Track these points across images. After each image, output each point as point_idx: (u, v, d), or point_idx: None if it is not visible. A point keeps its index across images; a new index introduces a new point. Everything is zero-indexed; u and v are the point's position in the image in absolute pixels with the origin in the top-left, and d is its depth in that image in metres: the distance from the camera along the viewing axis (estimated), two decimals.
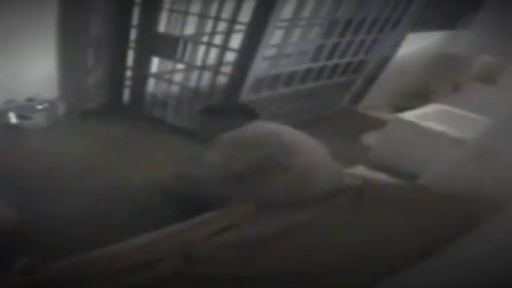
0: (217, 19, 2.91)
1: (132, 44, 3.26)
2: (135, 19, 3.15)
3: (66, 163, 2.62)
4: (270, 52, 3.02)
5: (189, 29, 3.08)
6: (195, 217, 1.57)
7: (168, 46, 3.11)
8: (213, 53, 3.02)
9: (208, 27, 3.01)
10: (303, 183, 1.64)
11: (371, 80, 3.81)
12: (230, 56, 2.96)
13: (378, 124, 3.38)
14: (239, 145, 1.83)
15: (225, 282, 1.24)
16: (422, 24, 3.70)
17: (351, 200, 1.61)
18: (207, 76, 3.12)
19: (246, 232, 1.42)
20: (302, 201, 1.58)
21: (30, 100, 3.02)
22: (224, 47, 2.92)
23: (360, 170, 2.00)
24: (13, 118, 2.93)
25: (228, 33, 2.88)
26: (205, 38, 3.06)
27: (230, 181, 1.74)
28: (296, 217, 1.49)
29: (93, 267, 1.25)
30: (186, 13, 3.02)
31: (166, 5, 3.05)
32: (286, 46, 3.19)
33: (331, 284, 1.24)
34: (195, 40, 3.09)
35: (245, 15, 2.72)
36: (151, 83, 3.40)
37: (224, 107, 2.40)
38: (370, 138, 3.11)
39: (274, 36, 2.80)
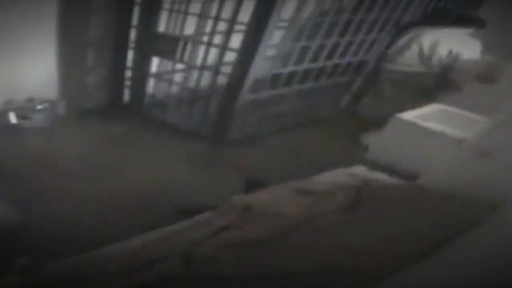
0: (217, 19, 2.91)
1: (132, 44, 3.26)
2: (135, 19, 3.15)
3: (66, 163, 2.63)
4: (270, 52, 3.02)
5: (189, 29, 3.08)
6: (195, 217, 1.58)
7: (168, 46, 3.11)
8: (213, 53, 3.02)
9: (208, 27, 3.02)
10: None
11: (371, 80, 3.80)
12: (230, 56, 2.96)
13: (378, 124, 3.37)
14: None
15: (225, 282, 1.24)
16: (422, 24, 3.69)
17: (351, 200, 1.61)
18: (207, 76, 3.12)
19: (246, 232, 1.42)
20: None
21: (30, 100, 3.02)
22: (224, 47, 2.92)
23: (360, 170, 1.99)
24: (13, 118, 2.93)
25: (228, 33, 2.88)
26: (205, 38, 3.06)
27: None
28: (296, 217, 1.49)
29: (93, 267, 1.25)
30: (186, 13, 3.02)
31: (166, 5, 3.06)
32: (286, 46, 3.20)
33: (331, 284, 1.24)
34: (195, 40, 3.09)
35: (245, 15, 2.72)
36: (151, 83, 3.41)
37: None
38: (370, 138, 3.10)
39: (274, 36, 2.81)
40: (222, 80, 3.04)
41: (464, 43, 3.16)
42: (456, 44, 3.13)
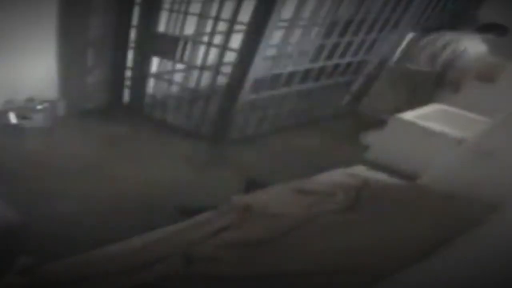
0: (217, 19, 2.91)
1: (132, 44, 3.27)
2: (135, 19, 3.16)
3: (66, 163, 2.63)
4: (270, 52, 3.02)
5: (189, 29, 3.08)
6: (195, 217, 1.58)
7: (168, 46, 3.11)
8: (213, 53, 3.02)
9: (208, 27, 3.02)
10: None
11: (371, 80, 3.81)
12: (230, 56, 2.96)
13: (378, 124, 3.38)
14: None
15: (225, 282, 1.24)
16: (422, 24, 3.70)
17: (351, 200, 1.61)
18: (207, 76, 3.12)
19: (246, 232, 1.42)
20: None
21: (30, 100, 3.02)
22: (224, 47, 2.92)
23: (360, 170, 1.99)
24: (13, 118, 2.93)
25: (228, 33, 2.88)
26: (205, 38, 3.06)
27: None
28: (296, 217, 1.49)
29: (93, 267, 1.25)
30: (186, 13, 3.02)
31: (166, 5, 3.06)
32: (286, 46, 3.20)
33: (331, 284, 1.24)
34: (195, 40, 3.09)
35: (245, 15, 2.72)
36: (151, 83, 3.41)
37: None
38: (370, 138, 3.11)
39: (274, 36, 2.81)
40: (222, 80, 3.04)
41: (473, 44, 3.18)
42: (464, 44, 3.16)
